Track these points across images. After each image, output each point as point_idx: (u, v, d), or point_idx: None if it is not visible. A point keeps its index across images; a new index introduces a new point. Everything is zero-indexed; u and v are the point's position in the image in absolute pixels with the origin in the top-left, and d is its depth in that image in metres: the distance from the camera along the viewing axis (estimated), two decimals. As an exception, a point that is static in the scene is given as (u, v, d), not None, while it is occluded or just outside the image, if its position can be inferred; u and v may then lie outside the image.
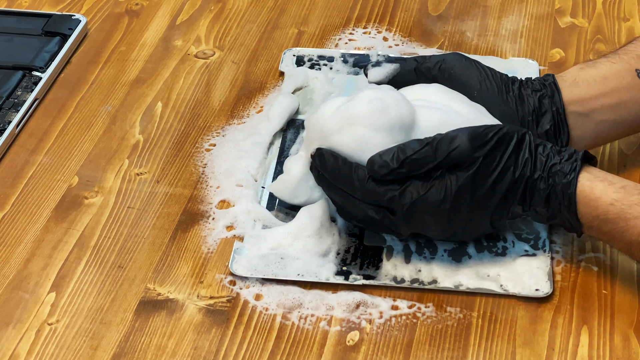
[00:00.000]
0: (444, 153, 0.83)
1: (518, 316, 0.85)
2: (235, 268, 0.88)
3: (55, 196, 0.97)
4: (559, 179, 0.84)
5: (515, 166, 0.84)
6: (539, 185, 0.84)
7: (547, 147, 0.85)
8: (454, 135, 0.84)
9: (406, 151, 0.84)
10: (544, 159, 0.85)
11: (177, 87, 1.10)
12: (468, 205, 0.85)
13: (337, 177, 0.87)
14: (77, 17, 1.18)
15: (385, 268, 0.88)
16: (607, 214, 0.83)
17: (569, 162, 0.84)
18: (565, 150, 0.85)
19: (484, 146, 0.84)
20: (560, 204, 0.84)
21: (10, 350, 0.82)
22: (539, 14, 1.20)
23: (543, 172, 0.84)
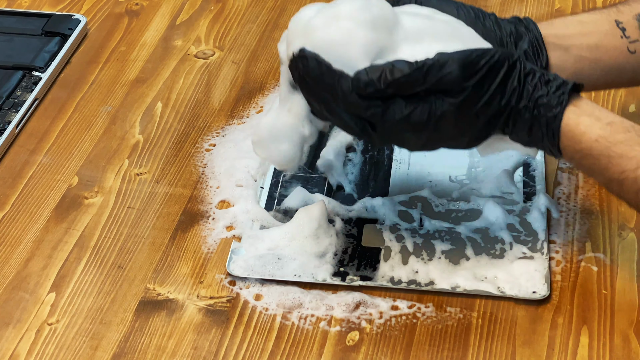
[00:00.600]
0: (433, 79, 0.81)
1: (518, 316, 0.85)
2: (233, 268, 0.88)
3: (55, 196, 0.97)
4: (544, 111, 0.83)
5: (502, 95, 0.83)
6: (524, 114, 0.83)
7: (536, 75, 0.83)
8: (445, 62, 0.82)
9: (394, 73, 0.82)
10: (531, 89, 0.83)
11: (177, 87, 1.10)
12: (450, 129, 0.83)
13: (320, 83, 0.84)
14: (77, 17, 1.18)
15: (383, 269, 0.88)
16: (590, 150, 0.82)
17: (556, 94, 0.83)
18: (554, 80, 0.84)
19: (474, 75, 0.82)
20: (543, 135, 0.83)
21: (10, 350, 0.82)
22: (539, 14, 1.20)
23: (529, 102, 0.83)
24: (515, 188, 0.96)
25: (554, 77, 0.84)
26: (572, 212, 0.94)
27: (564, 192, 0.96)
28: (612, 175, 0.82)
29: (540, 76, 0.84)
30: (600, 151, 0.82)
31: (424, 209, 0.94)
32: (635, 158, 0.81)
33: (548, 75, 0.84)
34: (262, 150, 0.89)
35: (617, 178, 0.82)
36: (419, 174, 0.98)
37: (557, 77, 0.84)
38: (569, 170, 0.99)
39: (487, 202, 0.94)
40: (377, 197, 0.95)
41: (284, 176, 0.98)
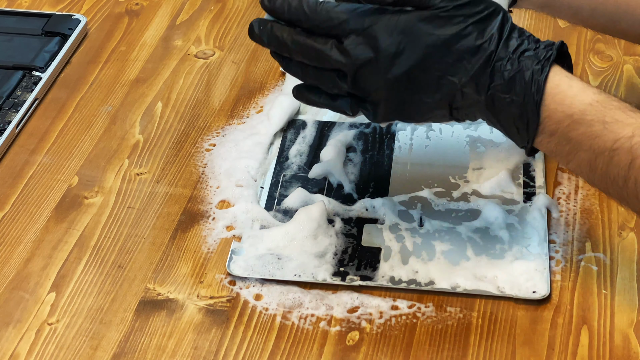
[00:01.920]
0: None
1: (518, 316, 0.85)
2: (233, 268, 0.88)
3: (55, 196, 0.97)
4: (530, 64, 0.77)
5: (478, 35, 0.78)
6: (505, 65, 0.78)
7: (525, 33, 0.79)
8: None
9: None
10: (517, 43, 0.78)
11: (177, 87, 1.10)
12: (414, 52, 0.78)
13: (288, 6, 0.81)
14: (77, 17, 1.18)
15: (383, 269, 0.88)
16: (583, 114, 0.76)
17: (544, 49, 0.78)
18: (544, 42, 0.79)
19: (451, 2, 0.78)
20: (526, 90, 0.77)
21: (10, 350, 0.82)
22: (539, 13, 1.20)
23: (513, 54, 0.78)
24: (515, 188, 0.96)
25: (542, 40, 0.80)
26: (572, 212, 0.94)
27: (564, 192, 0.96)
28: (605, 144, 0.76)
29: (529, 36, 0.79)
30: (595, 115, 0.76)
31: (424, 209, 0.94)
32: (631, 125, 0.75)
33: (536, 38, 0.80)
34: None
35: (610, 147, 0.75)
36: (419, 174, 0.98)
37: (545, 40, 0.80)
38: (569, 170, 0.99)
39: (487, 202, 0.94)
40: (377, 197, 0.95)
41: (284, 176, 0.98)
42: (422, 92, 0.81)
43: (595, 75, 1.11)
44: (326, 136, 1.03)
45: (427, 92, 0.81)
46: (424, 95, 0.81)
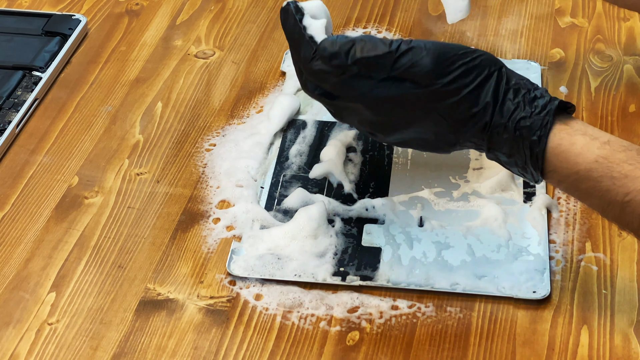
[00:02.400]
0: (403, 66, 0.77)
1: (518, 316, 0.85)
2: (233, 268, 0.88)
3: (55, 196, 0.97)
4: (526, 134, 0.76)
5: (473, 104, 0.77)
6: (501, 133, 0.77)
7: (520, 93, 0.77)
8: (420, 51, 0.77)
9: (365, 50, 0.77)
10: (512, 107, 0.77)
11: (177, 87, 1.10)
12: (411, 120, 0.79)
13: (290, 40, 0.82)
14: (77, 17, 1.18)
15: (382, 269, 0.88)
16: (589, 172, 0.76)
17: (541, 115, 0.77)
18: (540, 98, 0.77)
19: (446, 74, 0.77)
20: (526, 158, 0.77)
21: (10, 350, 0.82)
22: (539, 14, 1.20)
23: (509, 121, 0.77)
24: (515, 188, 0.96)
25: (541, 94, 0.78)
26: (572, 212, 0.94)
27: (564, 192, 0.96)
28: (615, 198, 0.75)
29: (525, 93, 0.78)
30: (602, 172, 0.76)
31: (424, 209, 0.94)
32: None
33: (534, 92, 0.78)
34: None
35: (621, 200, 0.75)
36: (419, 174, 0.98)
37: (544, 94, 0.78)
38: (569, 170, 0.99)
39: (487, 202, 0.94)
40: (377, 197, 0.95)
41: (284, 176, 0.98)
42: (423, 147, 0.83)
43: (595, 75, 1.11)
44: (326, 136, 1.03)
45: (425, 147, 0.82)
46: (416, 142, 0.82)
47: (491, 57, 0.79)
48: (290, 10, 0.82)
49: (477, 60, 0.78)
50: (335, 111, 0.83)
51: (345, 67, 0.78)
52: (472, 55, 0.78)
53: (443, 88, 0.77)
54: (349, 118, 0.82)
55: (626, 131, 1.03)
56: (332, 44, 0.79)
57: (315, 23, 0.82)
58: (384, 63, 0.77)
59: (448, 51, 0.78)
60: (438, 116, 0.78)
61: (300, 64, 0.82)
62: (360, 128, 0.83)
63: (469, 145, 0.80)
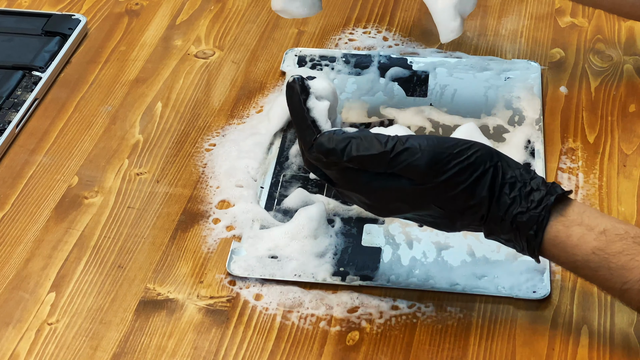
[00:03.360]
0: (397, 166, 0.78)
1: (518, 316, 0.85)
2: (233, 268, 0.88)
3: (55, 196, 0.97)
4: (523, 229, 0.79)
5: (470, 197, 0.79)
6: (498, 224, 0.79)
7: (516, 187, 0.79)
8: (415, 152, 0.78)
9: (360, 149, 0.79)
10: (509, 202, 0.78)
11: (177, 87, 1.10)
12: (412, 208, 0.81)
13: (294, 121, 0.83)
14: (77, 17, 1.18)
15: (382, 269, 0.88)
16: (587, 262, 0.78)
17: (537, 210, 0.78)
18: (537, 190, 0.79)
19: (442, 174, 0.78)
20: (524, 249, 0.80)
21: (10, 350, 0.82)
22: (539, 13, 1.20)
23: (505, 215, 0.79)
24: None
25: (537, 187, 0.79)
26: (572, 212, 0.94)
27: (564, 192, 0.96)
28: (614, 286, 0.78)
29: (521, 187, 0.79)
30: (599, 263, 0.78)
31: (424, 208, 0.94)
32: (637, 269, 0.77)
33: (531, 183, 0.79)
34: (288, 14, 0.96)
35: (620, 288, 0.78)
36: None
37: (540, 187, 0.79)
38: (569, 170, 0.99)
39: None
40: (377, 197, 0.95)
41: (284, 176, 0.98)
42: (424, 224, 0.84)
43: (595, 75, 1.11)
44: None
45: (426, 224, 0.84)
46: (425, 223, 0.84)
47: (486, 152, 0.80)
48: (295, 89, 0.83)
49: (472, 158, 0.79)
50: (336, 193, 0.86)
51: (342, 163, 0.80)
52: (467, 153, 0.79)
53: (439, 185, 0.79)
54: (350, 200, 0.84)
55: (626, 131, 1.03)
56: (329, 140, 0.80)
57: (319, 106, 0.83)
58: (378, 162, 0.79)
59: (443, 152, 0.79)
60: (435, 207, 0.80)
61: (300, 145, 0.83)
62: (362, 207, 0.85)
63: (468, 229, 0.82)
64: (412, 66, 1.12)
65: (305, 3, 0.98)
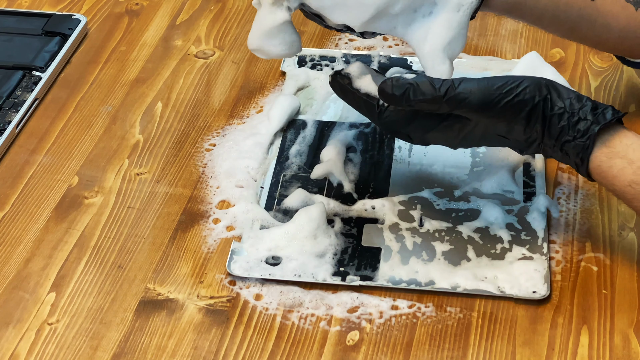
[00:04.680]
0: (451, 107, 0.84)
1: (518, 316, 0.85)
2: (233, 268, 0.88)
3: (55, 196, 0.97)
4: (571, 154, 0.84)
5: (523, 129, 0.84)
6: (551, 150, 0.85)
7: (564, 117, 0.84)
8: (467, 94, 0.84)
9: (416, 93, 0.84)
10: (557, 132, 0.84)
11: (177, 87, 1.10)
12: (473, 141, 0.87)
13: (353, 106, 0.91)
14: (77, 17, 1.18)
15: (383, 269, 0.88)
16: (623, 193, 0.84)
17: (582, 140, 0.83)
18: (583, 120, 0.84)
19: (491, 109, 0.84)
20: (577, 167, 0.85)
21: (10, 350, 0.82)
22: (539, 14, 1.20)
23: (556, 142, 0.84)
24: (515, 188, 0.96)
25: (585, 115, 0.84)
26: (572, 212, 0.94)
27: (564, 192, 0.96)
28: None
29: (569, 117, 0.84)
30: (634, 195, 0.83)
31: (424, 209, 0.94)
32: None
33: (579, 113, 0.84)
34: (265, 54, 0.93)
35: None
36: (419, 174, 0.98)
37: (587, 115, 0.84)
38: (569, 170, 0.99)
39: (487, 202, 0.94)
40: (377, 197, 0.95)
41: (284, 176, 0.98)
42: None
43: (595, 75, 1.11)
44: (326, 136, 1.03)
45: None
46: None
47: (535, 85, 0.85)
48: (337, 81, 0.91)
49: (521, 95, 0.84)
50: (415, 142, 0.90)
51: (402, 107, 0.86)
52: (516, 91, 0.84)
53: (493, 123, 0.85)
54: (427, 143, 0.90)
55: (626, 131, 1.03)
56: (391, 87, 0.85)
57: (364, 81, 0.89)
58: (435, 102, 0.84)
59: (492, 92, 0.84)
60: (496, 137, 0.86)
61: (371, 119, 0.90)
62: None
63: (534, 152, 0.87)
64: (412, 66, 1.12)
65: (284, 42, 0.92)
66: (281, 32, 0.91)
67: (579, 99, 0.85)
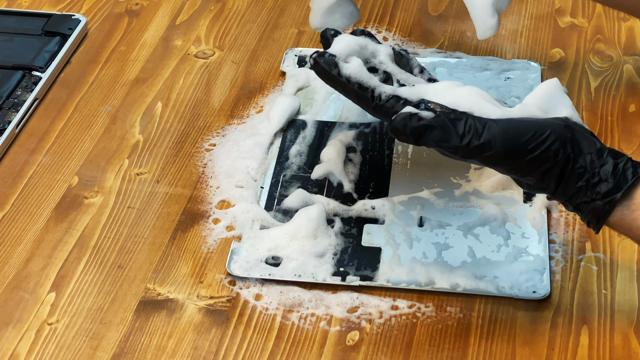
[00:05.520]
0: (471, 157, 0.79)
1: (518, 316, 0.85)
2: (233, 268, 0.88)
3: (55, 196, 0.97)
4: (586, 215, 0.79)
5: (539, 182, 0.79)
6: (564, 204, 0.81)
7: (584, 177, 0.78)
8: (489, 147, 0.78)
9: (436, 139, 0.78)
10: (573, 192, 0.79)
11: (177, 87, 1.10)
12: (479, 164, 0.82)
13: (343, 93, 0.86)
14: (77, 17, 1.18)
15: (382, 269, 0.88)
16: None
17: (601, 203, 0.78)
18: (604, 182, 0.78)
19: (513, 162, 0.79)
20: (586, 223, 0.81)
21: (10, 350, 0.82)
22: (539, 14, 1.20)
23: (569, 200, 0.79)
24: (515, 187, 0.96)
25: (606, 177, 0.78)
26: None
27: (564, 192, 0.96)
28: None
29: (589, 177, 0.78)
30: None
31: (424, 209, 0.94)
32: None
33: (600, 174, 0.78)
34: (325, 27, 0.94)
35: None
36: (419, 174, 0.98)
37: (608, 177, 0.78)
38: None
39: (487, 202, 0.94)
40: (377, 197, 0.95)
41: (284, 176, 0.98)
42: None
43: (595, 75, 1.11)
44: (326, 136, 1.03)
45: None
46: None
47: (562, 142, 0.79)
48: (322, 68, 0.85)
49: (546, 152, 0.78)
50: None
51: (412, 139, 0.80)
52: (541, 148, 0.78)
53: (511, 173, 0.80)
54: None
55: (626, 131, 1.03)
56: (404, 126, 0.79)
57: (353, 67, 0.85)
58: (454, 152, 0.79)
59: (517, 147, 0.78)
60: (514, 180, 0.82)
61: (363, 109, 0.86)
62: None
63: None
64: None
65: (344, 14, 0.98)
66: (339, 6, 0.95)
67: (600, 155, 0.79)
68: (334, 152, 0.99)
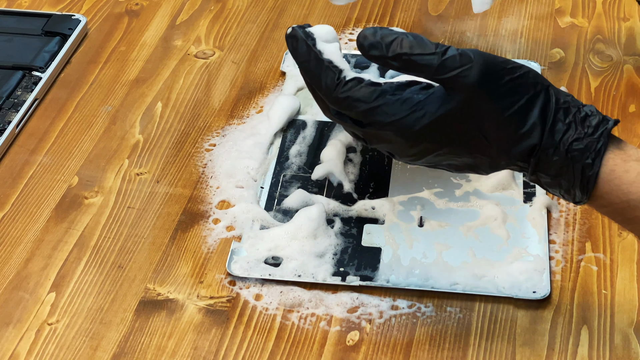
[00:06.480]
0: (447, 71, 0.71)
1: (518, 316, 0.85)
2: (233, 268, 0.88)
3: (55, 196, 0.97)
4: (579, 157, 0.72)
5: (519, 125, 0.72)
6: (551, 155, 0.72)
7: (570, 113, 0.72)
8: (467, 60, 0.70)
9: (411, 47, 0.71)
10: (564, 129, 0.72)
11: (177, 87, 1.10)
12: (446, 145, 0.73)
13: (306, 70, 0.76)
14: (77, 17, 1.18)
15: (382, 269, 0.88)
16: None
17: (595, 136, 0.71)
18: (591, 116, 0.72)
19: (492, 91, 0.71)
20: (575, 180, 0.73)
21: (10, 350, 0.82)
22: (539, 14, 1.20)
23: (560, 143, 0.72)
24: (515, 188, 0.96)
25: (591, 112, 0.73)
26: (572, 212, 0.94)
27: (564, 192, 0.96)
28: None
29: (576, 112, 0.73)
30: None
31: (424, 209, 0.94)
32: None
33: (584, 110, 0.73)
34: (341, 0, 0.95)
35: None
36: (419, 174, 0.98)
37: (594, 112, 0.73)
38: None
39: (487, 202, 0.94)
40: (377, 197, 0.95)
41: (284, 176, 0.98)
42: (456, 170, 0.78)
43: (595, 75, 1.11)
44: (326, 136, 1.03)
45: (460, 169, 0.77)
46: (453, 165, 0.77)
47: (537, 73, 0.73)
48: (299, 36, 0.77)
49: (525, 77, 0.72)
50: (366, 139, 0.77)
51: (384, 60, 0.72)
52: (520, 71, 0.72)
53: (487, 105, 0.72)
54: (378, 144, 0.77)
55: (626, 131, 1.03)
56: (374, 34, 0.72)
57: (330, 47, 0.77)
58: (427, 64, 0.71)
59: (496, 64, 0.72)
60: (481, 138, 0.73)
61: (321, 92, 0.76)
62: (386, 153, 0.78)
63: (512, 168, 0.75)
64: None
65: None
66: None
67: (576, 100, 0.74)
68: (334, 152, 0.99)
